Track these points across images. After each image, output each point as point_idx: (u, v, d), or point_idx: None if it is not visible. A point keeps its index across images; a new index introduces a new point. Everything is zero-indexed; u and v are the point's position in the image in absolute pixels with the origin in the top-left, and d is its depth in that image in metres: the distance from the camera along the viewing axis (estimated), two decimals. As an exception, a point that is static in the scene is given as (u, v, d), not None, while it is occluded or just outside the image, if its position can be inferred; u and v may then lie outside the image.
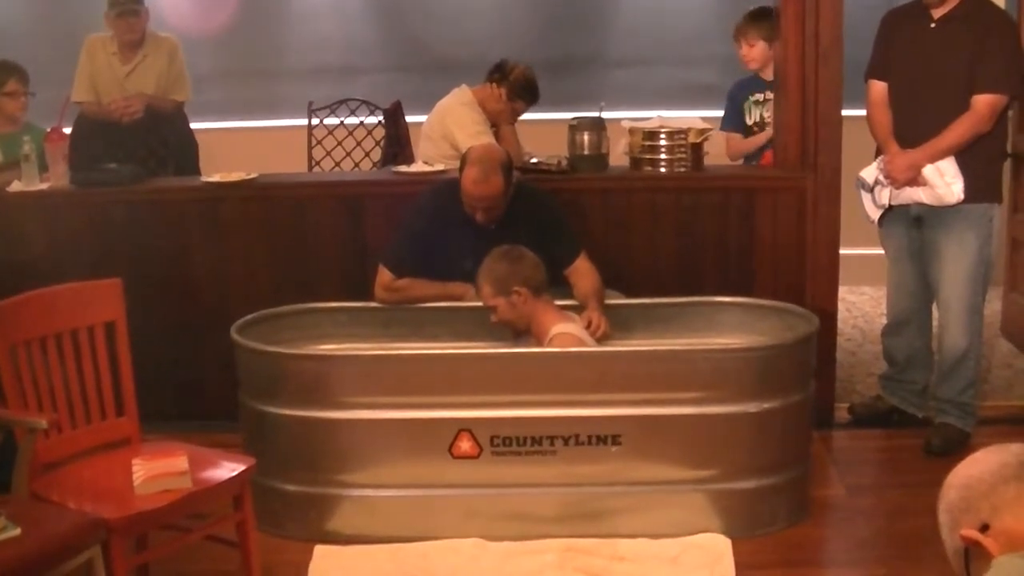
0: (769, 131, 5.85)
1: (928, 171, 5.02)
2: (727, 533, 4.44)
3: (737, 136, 6.09)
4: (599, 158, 5.59)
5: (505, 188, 4.82)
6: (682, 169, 5.49)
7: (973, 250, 5.09)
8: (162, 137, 6.42)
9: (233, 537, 4.00)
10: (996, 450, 2.15)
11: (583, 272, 4.89)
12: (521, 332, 4.71)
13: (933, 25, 5.08)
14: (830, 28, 5.30)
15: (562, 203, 5.20)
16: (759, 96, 5.94)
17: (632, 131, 5.57)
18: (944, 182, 5.01)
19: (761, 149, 5.91)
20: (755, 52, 5.86)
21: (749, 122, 6.04)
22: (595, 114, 5.62)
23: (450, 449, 4.41)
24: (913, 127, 5.09)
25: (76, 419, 4.02)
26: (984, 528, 2.07)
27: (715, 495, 4.47)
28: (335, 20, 8.13)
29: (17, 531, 3.35)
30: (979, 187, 5.05)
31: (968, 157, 5.01)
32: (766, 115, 5.90)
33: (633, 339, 4.88)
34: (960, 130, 4.98)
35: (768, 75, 5.86)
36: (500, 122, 6.02)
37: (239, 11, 7.95)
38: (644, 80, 7.93)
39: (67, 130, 5.90)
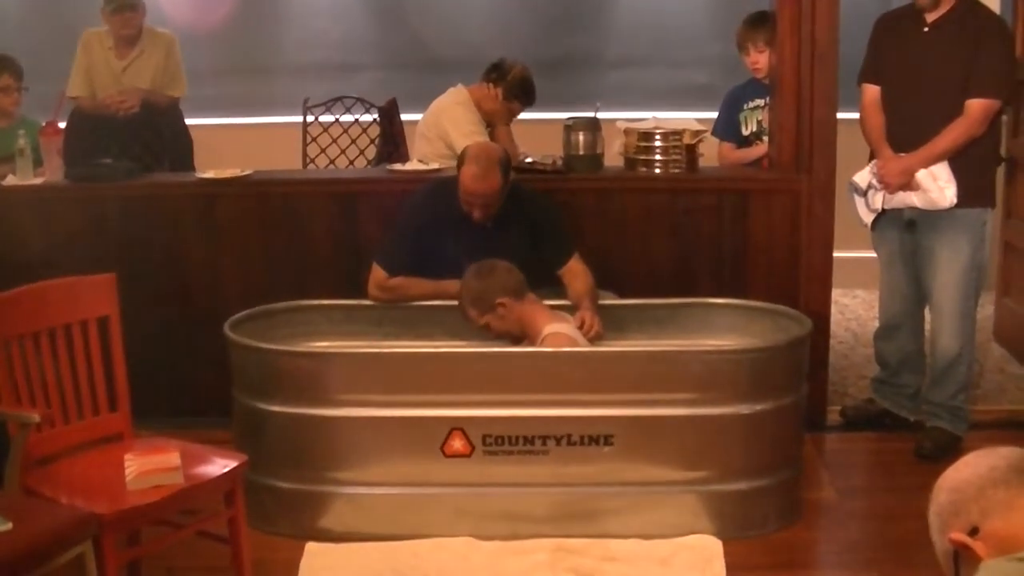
0: (763, 147, 5.82)
1: (921, 175, 5.03)
2: (718, 534, 4.44)
3: (729, 146, 6.04)
4: (594, 158, 5.59)
5: (503, 186, 4.82)
6: (677, 170, 5.49)
7: (966, 255, 5.10)
8: (157, 132, 6.42)
9: (224, 533, 4.00)
10: (986, 454, 2.16)
11: (577, 272, 4.89)
12: (520, 339, 4.71)
13: (927, 29, 5.09)
14: (826, 31, 5.30)
15: (557, 203, 5.21)
16: (759, 101, 5.89)
17: (627, 132, 5.57)
18: (937, 187, 5.01)
19: (756, 162, 5.87)
20: (765, 58, 5.78)
21: (745, 132, 5.97)
22: (591, 114, 5.62)
23: (442, 448, 4.41)
24: (906, 131, 5.10)
25: (68, 414, 4.02)
26: (973, 531, 2.07)
27: (707, 496, 4.48)
28: (331, 17, 8.13)
29: (8, 525, 3.34)
30: (972, 192, 5.05)
31: (961, 162, 5.02)
32: (762, 120, 5.87)
33: (626, 340, 4.88)
34: (953, 135, 4.99)
35: (773, 80, 5.84)
36: (496, 122, 6.02)
37: (236, 8, 7.95)
38: (640, 81, 7.93)
39: (62, 125, 5.90)
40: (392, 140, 6.81)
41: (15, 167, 5.58)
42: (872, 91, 5.24)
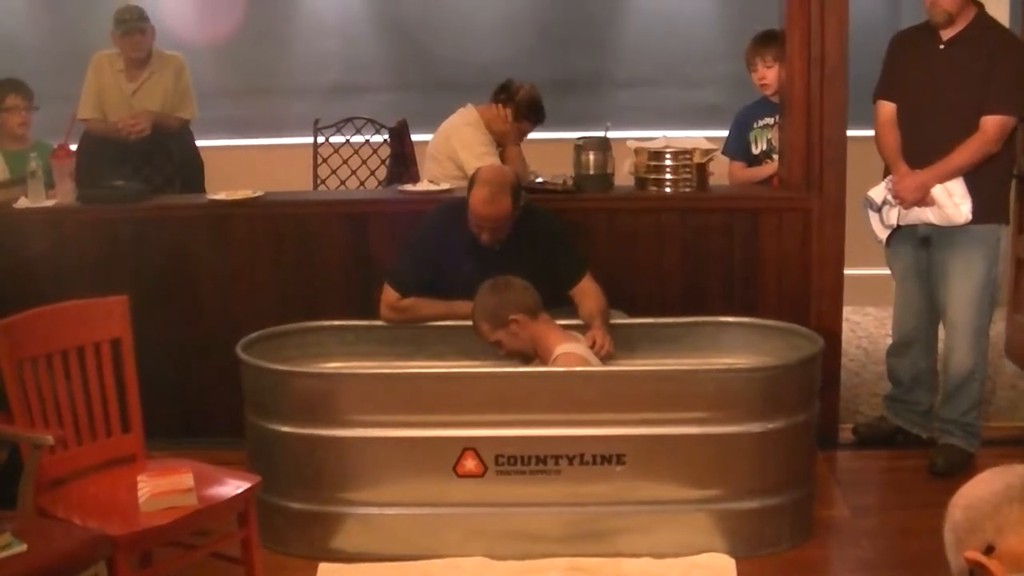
0: (772, 165, 5.83)
1: (937, 191, 5.03)
2: (731, 553, 4.44)
3: (739, 165, 6.05)
4: (605, 178, 5.60)
5: (512, 210, 4.82)
6: (687, 189, 5.50)
7: (980, 271, 5.10)
8: (168, 154, 6.44)
9: (237, 554, 4.01)
10: (1001, 471, 2.15)
11: (588, 292, 4.89)
12: (530, 358, 4.71)
13: (942, 47, 5.09)
14: (836, 49, 5.31)
15: (567, 223, 5.21)
16: (769, 120, 5.90)
17: (638, 151, 5.58)
18: (953, 202, 5.01)
19: (766, 181, 5.87)
20: (773, 73, 5.79)
21: (756, 151, 5.98)
22: (601, 134, 5.63)
23: (455, 467, 4.41)
24: (921, 148, 5.10)
25: (82, 435, 4.04)
26: (989, 549, 2.07)
27: (719, 515, 4.47)
28: (341, 39, 8.16)
29: (23, 547, 3.35)
30: (987, 208, 5.05)
31: (976, 178, 5.02)
32: (772, 139, 5.87)
33: (637, 359, 4.89)
34: (969, 151, 4.99)
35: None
36: (506, 142, 6.03)
37: (245, 29, 7.98)
38: (649, 100, 7.95)
39: (74, 147, 5.92)
40: (403, 161, 6.82)
41: (27, 189, 5.59)
42: (887, 108, 5.24)
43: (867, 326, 7.50)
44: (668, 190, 5.51)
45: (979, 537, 2.09)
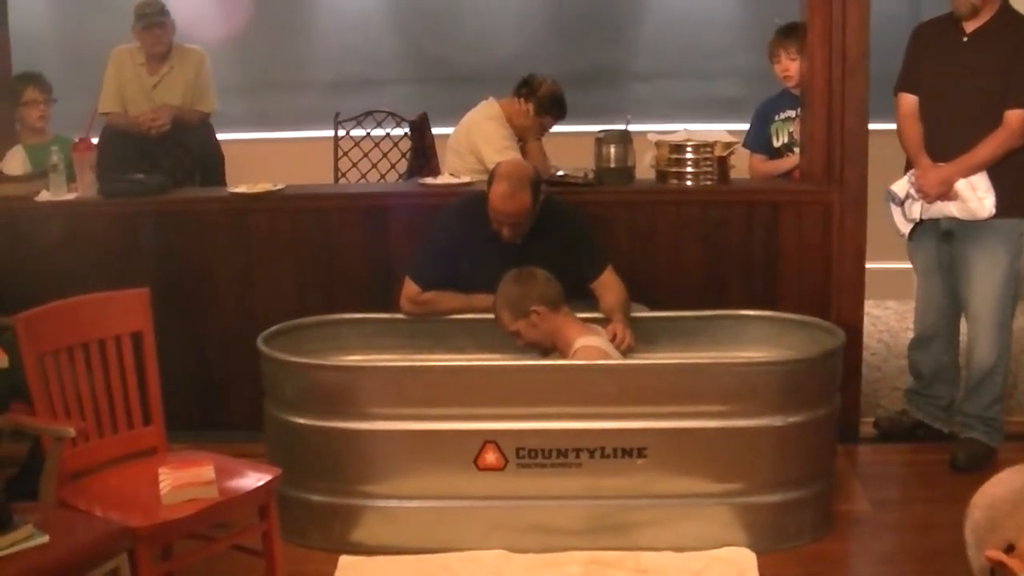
0: (793, 158, 5.81)
1: (960, 185, 5.00)
2: (752, 547, 4.43)
3: (760, 158, 6.03)
4: (625, 171, 5.59)
5: (532, 205, 4.81)
6: (708, 182, 5.49)
7: (1003, 265, 5.08)
8: (188, 148, 6.45)
9: (258, 547, 4.02)
10: (1020, 470, 2.15)
11: (609, 285, 4.88)
12: (549, 351, 4.71)
13: (965, 39, 5.07)
14: (857, 42, 5.29)
15: (588, 216, 5.20)
16: (790, 113, 5.88)
17: (659, 144, 5.57)
18: (976, 196, 4.99)
19: (787, 174, 5.86)
20: (796, 66, 5.74)
21: (777, 144, 5.95)
22: (622, 127, 5.62)
23: (475, 461, 4.41)
24: (944, 141, 5.07)
25: (103, 428, 4.05)
26: (1009, 548, 2.06)
27: (740, 509, 4.47)
28: (361, 32, 8.15)
29: (45, 539, 3.36)
30: (1010, 202, 5.03)
31: (1000, 172, 4.99)
32: (793, 132, 5.85)
33: (658, 352, 4.88)
34: (992, 145, 4.96)
35: (803, 91, 5.81)
36: (527, 137, 6.02)
37: (265, 23, 7.98)
38: (670, 93, 7.94)
39: (95, 140, 5.93)
40: (423, 154, 6.82)
41: (49, 183, 5.61)
42: (909, 100, 5.22)
43: (888, 320, 7.48)
44: (689, 183, 5.51)
45: (1000, 536, 2.09)
